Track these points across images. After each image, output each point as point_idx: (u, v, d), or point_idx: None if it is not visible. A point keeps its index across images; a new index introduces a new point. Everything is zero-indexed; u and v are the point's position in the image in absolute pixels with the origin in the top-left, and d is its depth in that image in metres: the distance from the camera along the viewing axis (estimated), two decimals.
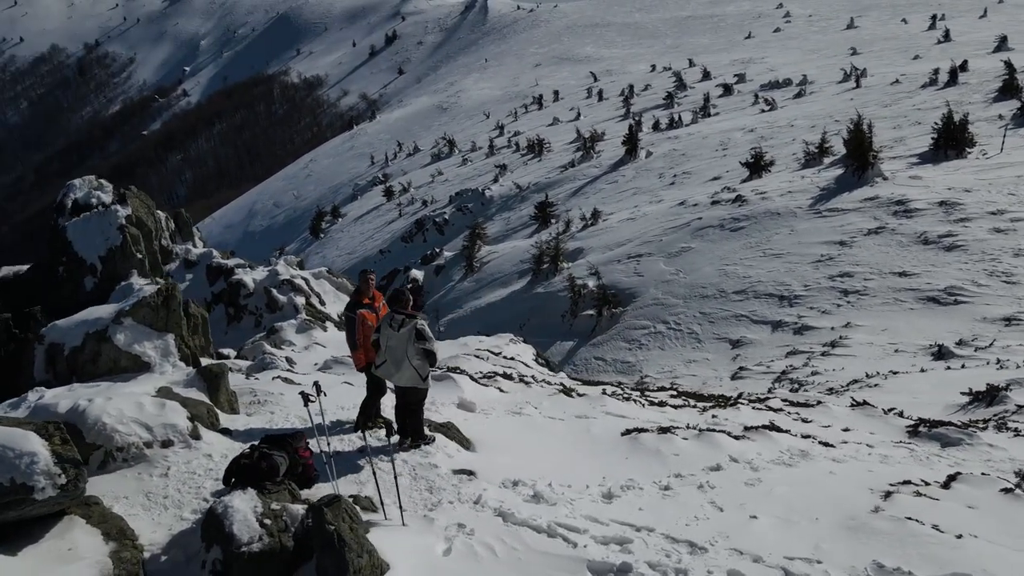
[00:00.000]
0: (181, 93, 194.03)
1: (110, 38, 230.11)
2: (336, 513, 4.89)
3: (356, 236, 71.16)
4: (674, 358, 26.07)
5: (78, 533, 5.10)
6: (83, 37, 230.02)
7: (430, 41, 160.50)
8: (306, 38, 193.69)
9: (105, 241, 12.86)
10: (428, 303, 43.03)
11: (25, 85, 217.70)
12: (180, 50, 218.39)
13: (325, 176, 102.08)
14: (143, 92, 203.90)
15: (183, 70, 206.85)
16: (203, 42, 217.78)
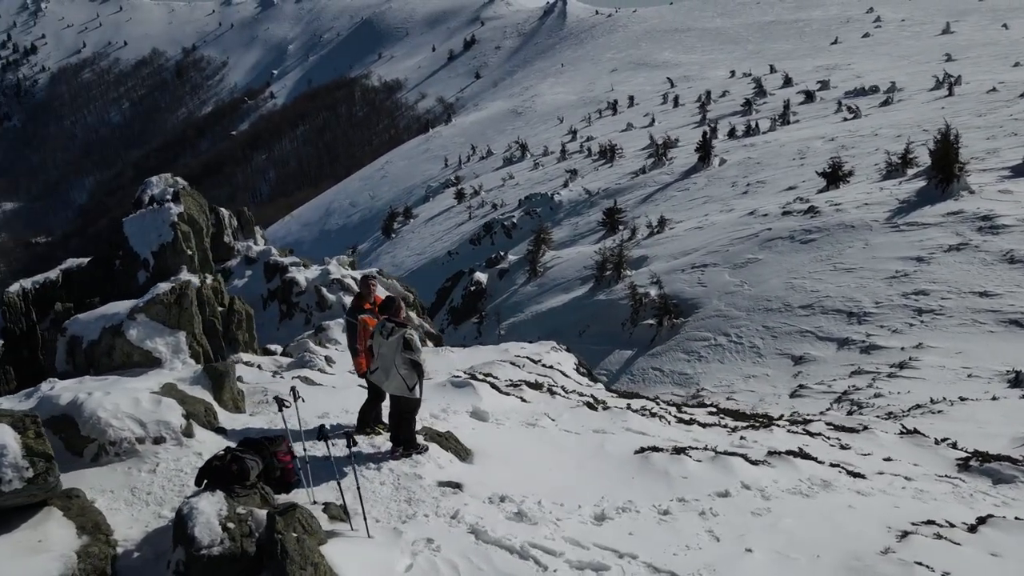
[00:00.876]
0: (268, 95, 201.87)
1: (206, 42, 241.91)
2: (288, 522, 4.80)
3: (426, 237, 72.23)
4: (733, 372, 25.26)
5: (53, 525, 5.20)
6: (181, 41, 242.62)
7: (508, 46, 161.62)
8: (388, 42, 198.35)
9: (158, 237, 13.41)
10: (490, 306, 43.21)
11: (127, 86, 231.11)
12: (269, 54, 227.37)
13: (400, 177, 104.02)
14: (233, 94, 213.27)
15: (271, 73, 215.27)
16: (291, 46, 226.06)
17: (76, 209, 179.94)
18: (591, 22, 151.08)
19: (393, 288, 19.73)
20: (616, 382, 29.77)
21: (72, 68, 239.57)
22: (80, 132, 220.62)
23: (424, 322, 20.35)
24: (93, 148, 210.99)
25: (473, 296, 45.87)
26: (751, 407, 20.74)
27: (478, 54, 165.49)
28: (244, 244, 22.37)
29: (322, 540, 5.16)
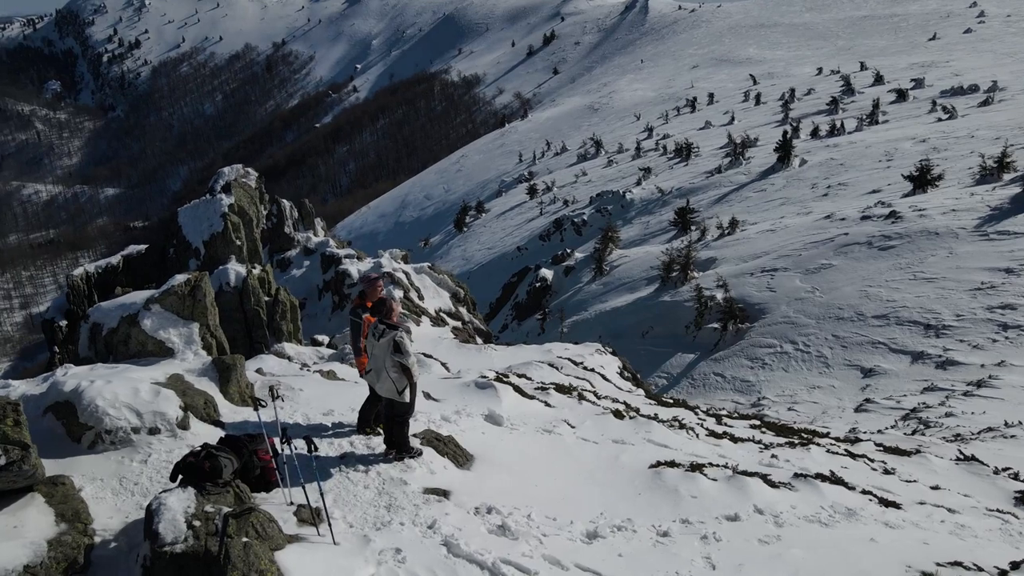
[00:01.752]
0: (351, 89, 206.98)
1: (295, 37, 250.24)
2: (241, 525, 4.71)
3: (497, 232, 72.51)
4: (797, 382, 24.25)
5: (32, 511, 5.26)
6: (272, 36, 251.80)
7: (587, 41, 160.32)
8: (468, 38, 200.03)
9: (209, 227, 13.80)
10: (554, 303, 42.99)
11: (221, 79, 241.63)
12: (354, 49, 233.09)
13: (474, 172, 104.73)
14: (319, 88, 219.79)
15: (355, 68, 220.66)
16: (375, 42, 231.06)
17: (171, 196, 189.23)
18: (673, 17, 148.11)
19: (444, 283, 19.80)
20: (676, 387, 29.10)
21: (171, 62, 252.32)
22: (177, 123, 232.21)
23: (474, 318, 20.34)
24: (188, 138, 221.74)
25: (538, 292, 45.75)
26: (811, 419, 19.82)
27: (557, 50, 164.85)
28: (304, 235, 22.90)
29: (278, 545, 5.04)
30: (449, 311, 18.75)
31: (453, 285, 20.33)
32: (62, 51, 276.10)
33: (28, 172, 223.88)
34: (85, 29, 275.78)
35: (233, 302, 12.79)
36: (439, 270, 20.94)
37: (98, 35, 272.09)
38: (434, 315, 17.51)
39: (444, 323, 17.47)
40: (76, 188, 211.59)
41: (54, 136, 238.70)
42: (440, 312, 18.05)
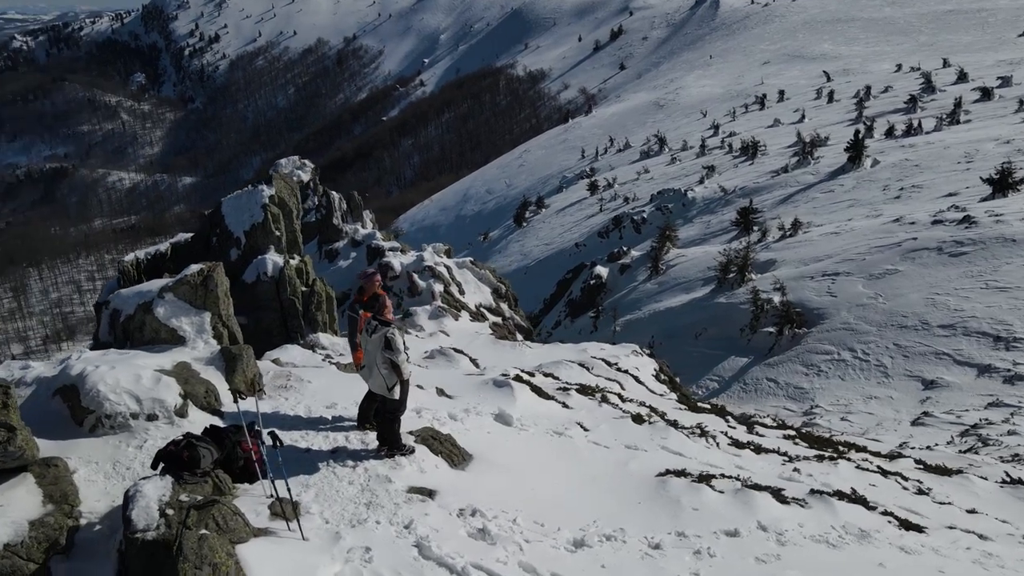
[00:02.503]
0: (418, 83, 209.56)
1: (365, 32, 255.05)
2: (201, 517, 4.72)
3: (556, 227, 72.31)
4: (853, 391, 23.31)
5: (21, 491, 5.38)
6: (344, 31, 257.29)
7: (655, 36, 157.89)
8: (535, 32, 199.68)
9: (250, 217, 14.11)
10: (608, 301, 42.56)
11: (294, 73, 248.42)
12: (422, 43, 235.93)
13: (536, 167, 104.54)
14: (387, 82, 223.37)
15: (422, 62, 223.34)
16: (442, 36, 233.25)
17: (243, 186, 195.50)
18: (745, 12, 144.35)
19: (486, 279, 19.78)
20: (727, 391, 28.42)
21: (248, 56, 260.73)
22: (251, 115, 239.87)
23: (515, 314, 20.27)
24: (261, 130, 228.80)
25: (592, 290, 45.37)
26: (864, 431, 19.00)
27: (624, 45, 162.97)
28: (352, 227, 23.25)
29: (242, 539, 5.04)
30: (490, 306, 18.72)
31: (494, 280, 20.29)
32: (147, 45, 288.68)
33: (113, 160, 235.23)
34: (169, 24, 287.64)
35: (270, 291, 13.09)
36: (481, 265, 20.94)
37: (180, 30, 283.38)
38: (474, 310, 17.50)
39: (484, 318, 17.45)
40: (156, 176, 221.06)
41: (138, 126, 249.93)
42: (480, 307, 18.05)
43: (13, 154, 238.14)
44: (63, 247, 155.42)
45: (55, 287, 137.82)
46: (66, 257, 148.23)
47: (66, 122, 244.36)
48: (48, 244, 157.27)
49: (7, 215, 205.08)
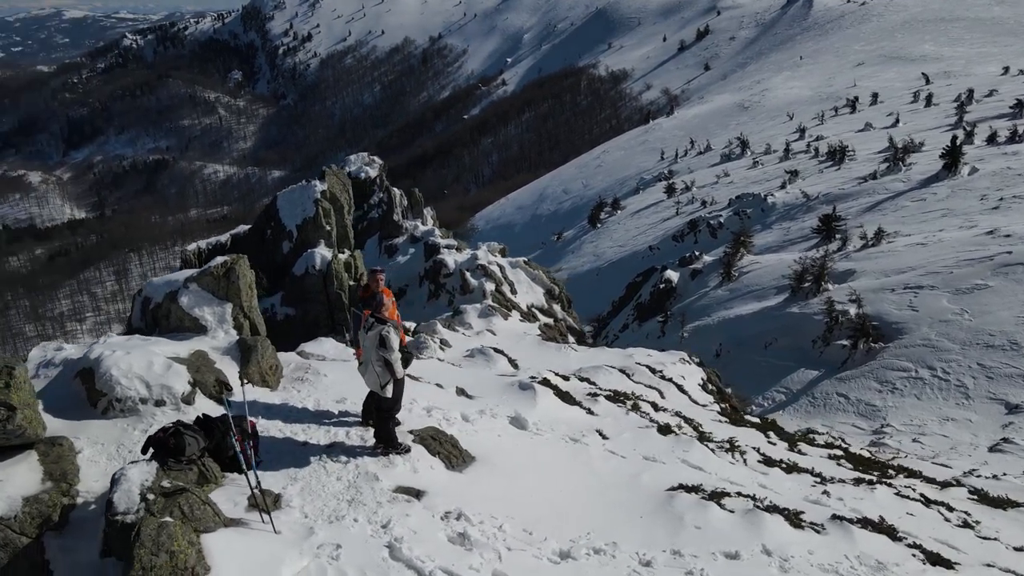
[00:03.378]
0: (500, 83, 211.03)
1: (450, 31, 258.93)
2: (168, 504, 4.75)
3: (630, 230, 71.45)
4: (929, 411, 21.95)
5: (23, 468, 5.55)
6: (429, 30, 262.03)
7: (743, 36, 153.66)
8: (618, 32, 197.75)
9: (302, 212, 14.40)
10: (677, 306, 41.69)
11: (381, 71, 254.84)
12: (505, 43, 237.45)
13: (614, 168, 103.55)
14: (469, 81, 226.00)
15: (505, 61, 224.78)
16: (526, 36, 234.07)
17: None
18: (840, 11, 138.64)
19: (539, 279, 19.62)
20: (794, 404, 27.36)
21: (337, 54, 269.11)
22: (338, 111, 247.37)
23: (568, 316, 20.02)
24: (347, 126, 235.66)
25: (661, 294, 44.54)
26: (935, 454, 17.84)
27: (710, 45, 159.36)
28: (412, 223, 23.51)
29: (209, 528, 5.06)
30: (541, 307, 18.55)
31: (548, 281, 20.10)
32: (245, 44, 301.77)
33: (210, 153, 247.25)
34: (265, 23, 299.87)
35: (317, 284, 13.35)
36: (534, 266, 20.78)
37: (276, 29, 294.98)
38: (525, 310, 17.37)
39: (535, 319, 17.31)
40: (248, 169, 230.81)
41: (233, 121, 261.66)
42: (532, 308, 17.91)
43: (121, 146, 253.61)
44: (161, 234, 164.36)
45: (153, 271, 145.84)
46: (163, 244, 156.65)
47: (169, 117, 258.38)
48: (148, 231, 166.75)
49: (113, 203, 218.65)
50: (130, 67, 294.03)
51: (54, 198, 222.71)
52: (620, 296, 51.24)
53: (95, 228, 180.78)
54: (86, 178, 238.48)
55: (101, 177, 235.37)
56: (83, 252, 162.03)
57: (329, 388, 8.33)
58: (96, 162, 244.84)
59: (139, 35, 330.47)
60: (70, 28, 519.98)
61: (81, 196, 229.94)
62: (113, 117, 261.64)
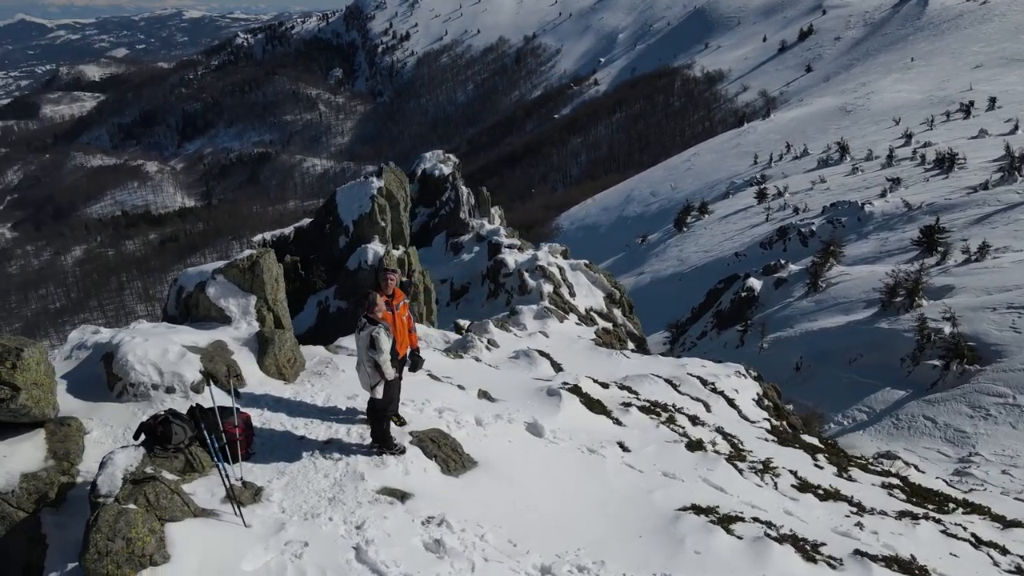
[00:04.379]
0: (592, 82, 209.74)
1: (544, 31, 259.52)
2: (134, 491, 4.79)
3: (717, 235, 69.65)
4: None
5: (28, 446, 5.78)
6: (524, 30, 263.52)
7: (849, 37, 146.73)
8: (716, 32, 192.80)
9: (359, 208, 14.61)
10: (758, 316, 40.27)
11: (474, 70, 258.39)
12: (600, 43, 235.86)
13: (704, 171, 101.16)
14: (562, 80, 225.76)
15: (598, 61, 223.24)
16: (621, 35, 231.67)
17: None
18: (958, 10, 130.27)
19: (600, 283, 19.24)
20: (875, 424, 25.94)
21: (434, 53, 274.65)
22: (431, 109, 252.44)
23: (628, 321, 19.56)
24: (439, 124, 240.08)
25: (742, 303, 43.15)
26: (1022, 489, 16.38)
27: (813, 45, 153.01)
28: (479, 221, 23.55)
29: (175, 517, 5.09)
30: (601, 311, 18.20)
31: (608, 285, 19.70)
32: (346, 43, 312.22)
33: (309, 148, 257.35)
34: (367, 23, 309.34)
35: (369, 279, 13.54)
36: (596, 268, 20.40)
37: (376, 28, 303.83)
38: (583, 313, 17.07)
39: (592, 323, 16.98)
40: (344, 164, 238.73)
41: (332, 117, 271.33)
42: (591, 311, 17.59)
43: (228, 139, 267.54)
44: (261, 224, 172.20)
45: None
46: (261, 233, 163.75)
47: (273, 112, 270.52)
48: (250, 220, 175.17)
49: (219, 192, 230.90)
50: (241, 64, 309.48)
51: (167, 187, 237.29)
52: (700, 303, 50.00)
53: (202, 216, 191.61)
54: (196, 168, 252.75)
55: (210, 168, 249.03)
56: (191, 238, 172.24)
57: (343, 384, 8.38)
58: (206, 154, 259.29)
59: (250, 34, 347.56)
60: (189, 27, 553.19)
61: (191, 185, 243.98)
62: (223, 111, 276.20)
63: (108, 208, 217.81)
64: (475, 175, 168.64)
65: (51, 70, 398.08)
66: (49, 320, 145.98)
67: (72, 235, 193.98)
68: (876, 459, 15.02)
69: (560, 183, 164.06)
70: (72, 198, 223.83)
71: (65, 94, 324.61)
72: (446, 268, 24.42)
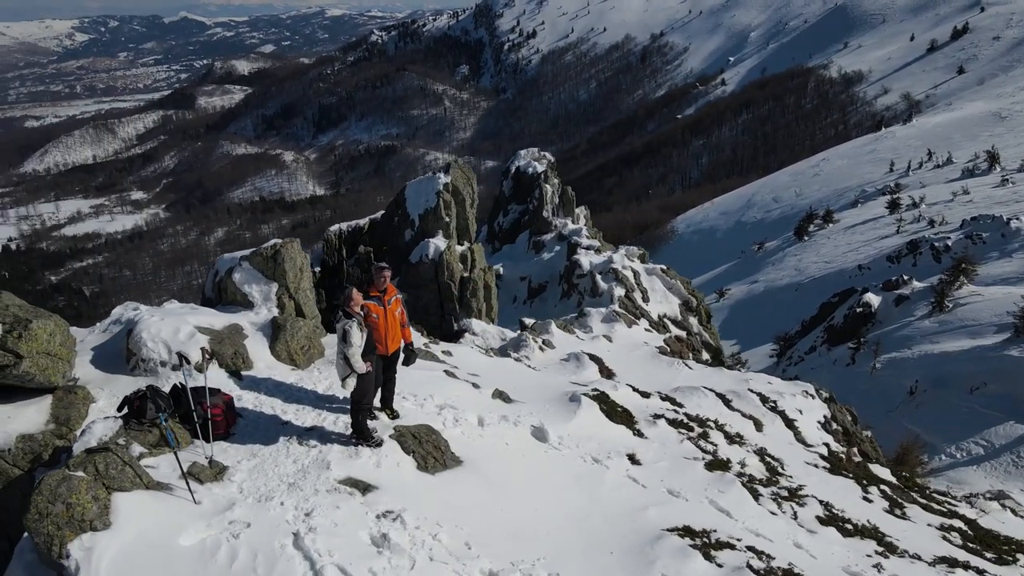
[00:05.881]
0: (719, 82, 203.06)
1: (672, 29, 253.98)
2: (85, 460, 4.98)
3: (840, 245, 66.04)
4: None
5: (33, 410, 6.22)
6: (651, 28, 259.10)
7: (1009, 36, 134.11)
8: (858, 31, 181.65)
9: (425, 202, 14.79)
10: (873, 334, 37.79)
11: (598, 68, 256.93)
12: (729, 41, 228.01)
13: (833, 177, 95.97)
14: (687, 80, 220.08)
15: (727, 60, 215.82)
16: (752, 34, 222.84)
17: None
18: None
19: (676, 289, 18.51)
20: (992, 460, 23.81)
21: (559, 51, 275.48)
22: (553, 107, 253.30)
23: (704, 331, 18.72)
24: (560, 121, 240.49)
25: (857, 319, 40.60)
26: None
27: (967, 45, 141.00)
28: (562, 221, 23.30)
29: (123, 487, 5.28)
30: (675, 318, 17.54)
31: (685, 292, 18.94)
32: (474, 40, 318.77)
33: (432, 142, 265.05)
34: (495, 21, 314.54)
35: (429, 272, 13.73)
36: (673, 275, 19.64)
37: (503, 26, 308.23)
38: (655, 319, 16.50)
39: (665, 329, 16.40)
40: (465, 158, 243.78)
41: (456, 113, 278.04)
42: (664, 318, 16.98)
43: (359, 132, 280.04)
44: None
45: None
46: None
47: (401, 106, 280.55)
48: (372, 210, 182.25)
49: (347, 183, 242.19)
50: (374, 60, 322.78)
51: (301, 175, 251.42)
52: (812, 316, 47.48)
53: (331, 204, 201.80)
54: (328, 159, 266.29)
55: (340, 158, 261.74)
56: (319, 224, 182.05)
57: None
58: (338, 145, 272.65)
59: (384, 31, 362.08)
60: (330, 25, 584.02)
61: (322, 175, 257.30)
62: (356, 105, 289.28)
63: (248, 194, 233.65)
64: (593, 173, 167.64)
65: (207, 64, 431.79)
66: (192, 295, 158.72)
67: (215, 217, 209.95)
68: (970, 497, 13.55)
69: (679, 185, 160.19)
70: (218, 183, 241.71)
71: (218, 87, 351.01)
72: (527, 266, 24.40)
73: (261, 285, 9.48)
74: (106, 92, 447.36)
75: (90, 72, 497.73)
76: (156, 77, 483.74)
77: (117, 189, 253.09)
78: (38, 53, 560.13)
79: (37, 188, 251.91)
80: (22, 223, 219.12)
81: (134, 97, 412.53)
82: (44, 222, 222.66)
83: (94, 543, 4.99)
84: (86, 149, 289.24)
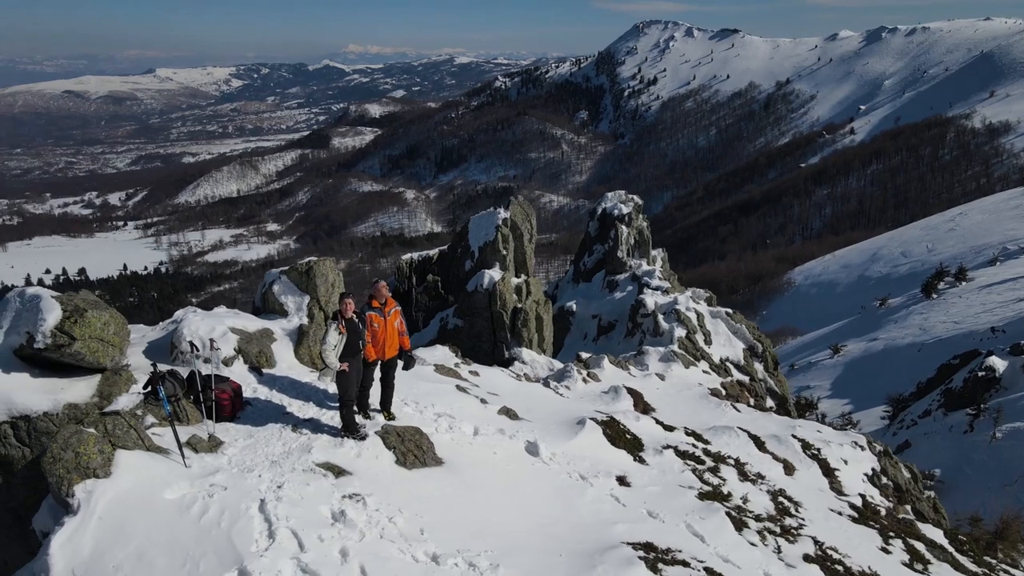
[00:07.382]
0: (848, 131, 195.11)
1: (800, 76, 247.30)
2: (96, 420, 5.98)
3: (973, 305, 61.46)
4: None
5: (83, 385, 7.36)
6: (777, 75, 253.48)
7: None
8: (1006, 79, 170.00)
9: (485, 235, 15.43)
10: (994, 402, 34.92)
11: (719, 115, 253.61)
12: (861, 89, 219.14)
13: (971, 233, 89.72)
14: (813, 128, 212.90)
15: (857, 108, 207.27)
16: (887, 82, 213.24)
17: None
18: None
19: (741, 333, 18.02)
20: None
21: (679, 98, 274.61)
22: (670, 152, 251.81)
23: (769, 376, 18.03)
24: (677, 167, 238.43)
25: (978, 383, 37.59)
26: None
27: None
28: (636, 261, 23.27)
29: (126, 446, 6.32)
30: (738, 363, 17.11)
31: (751, 337, 18.41)
32: (595, 86, 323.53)
33: (548, 184, 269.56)
34: (616, 68, 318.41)
35: (483, 301, 14.32)
36: (739, 319, 19.10)
37: (625, 73, 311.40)
38: (716, 362, 16.20)
39: (727, 373, 16.05)
40: (579, 201, 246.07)
41: (573, 156, 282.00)
42: (726, 361, 16.63)
43: (477, 172, 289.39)
44: None
45: None
46: None
47: (520, 149, 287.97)
48: None
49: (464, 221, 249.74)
50: (496, 105, 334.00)
51: (420, 213, 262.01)
52: (929, 378, 44.31)
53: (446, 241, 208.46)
54: (447, 198, 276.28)
55: (458, 198, 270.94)
56: None
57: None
58: (456, 185, 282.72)
59: (508, 77, 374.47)
60: (457, 71, 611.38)
61: (440, 213, 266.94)
62: (476, 147, 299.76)
63: (370, 228, 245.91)
64: (708, 220, 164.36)
65: (342, 108, 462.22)
66: None
67: (339, 250, 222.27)
68: None
69: (799, 235, 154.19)
70: (344, 218, 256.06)
71: (351, 128, 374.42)
72: (599, 304, 24.58)
73: (295, 296, 10.60)
74: (253, 132, 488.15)
75: (241, 114, 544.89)
76: (298, 119, 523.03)
77: (255, 220, 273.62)
78: (199, 96, 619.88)
79: (188, 217, 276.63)
80: (172, 249, 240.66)
81: (277, 137, 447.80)
82: (191, 248, 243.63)
83: (95, 487, 5.99)
84: (232, 183, 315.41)
